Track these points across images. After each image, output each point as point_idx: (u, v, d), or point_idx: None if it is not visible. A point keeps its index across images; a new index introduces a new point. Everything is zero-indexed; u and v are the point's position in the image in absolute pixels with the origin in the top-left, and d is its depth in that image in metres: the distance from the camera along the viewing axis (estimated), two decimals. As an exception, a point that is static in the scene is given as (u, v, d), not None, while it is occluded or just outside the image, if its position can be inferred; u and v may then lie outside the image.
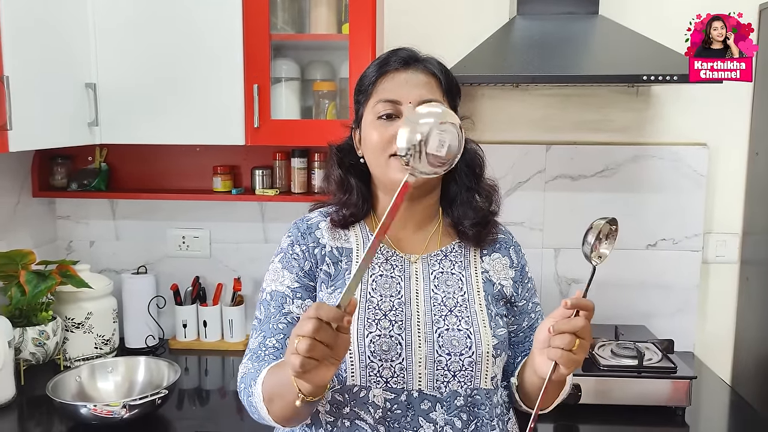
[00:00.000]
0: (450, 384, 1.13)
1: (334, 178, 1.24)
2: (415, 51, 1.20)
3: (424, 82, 1.17)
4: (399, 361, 1.12)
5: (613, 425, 1.76)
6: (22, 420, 1.76)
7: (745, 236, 2.23)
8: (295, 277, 1.19)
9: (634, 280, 2.26)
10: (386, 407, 1.12)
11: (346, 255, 1.20)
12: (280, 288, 1.19)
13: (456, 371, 1.13)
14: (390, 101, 1.15)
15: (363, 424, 1.12)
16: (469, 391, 1.14)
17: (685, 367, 1.81)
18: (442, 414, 1.13)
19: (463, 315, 1.16)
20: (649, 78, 1.76)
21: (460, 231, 1.24)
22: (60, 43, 1.80)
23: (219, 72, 1.92)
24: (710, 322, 2.28)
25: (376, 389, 1.12)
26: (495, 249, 1.26)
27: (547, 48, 1.97)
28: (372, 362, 1.11)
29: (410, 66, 1.18)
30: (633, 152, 2.21)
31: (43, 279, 1.91)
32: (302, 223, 1.25)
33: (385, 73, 1.18)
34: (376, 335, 1.12)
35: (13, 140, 1.55)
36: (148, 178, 2.29)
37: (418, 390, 1.12)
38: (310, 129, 2.00)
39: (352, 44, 1.89)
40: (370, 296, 1.16)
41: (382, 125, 1.15)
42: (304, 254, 1.20)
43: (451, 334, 1.14)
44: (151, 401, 1.65)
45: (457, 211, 1.24)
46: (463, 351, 1.13)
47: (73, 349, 2.06)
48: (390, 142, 1.13)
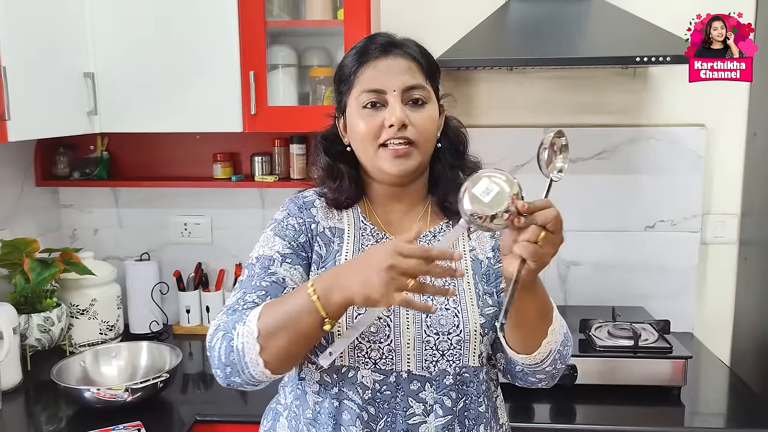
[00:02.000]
0: (439, 363, 1.14)
1: (322, 166, 1.24)
2: (392, 35, 1.20)
3: (405, 68, 1.16)
4: (387, 342, 1.13)
5: (610, 405, 1.77)
6: (28, 404, 1.80)
7: (744, 217, 2.23)
8: (287, 244, 1.19)
9: (633, 261, 2.26)
10: (375, 388, 1.13)
11: (338, 235, 1.21)
12: (268, 252, 1.18)
13: (444, 350, 1.14)
14: (374, 90, 1.15)
15: (351, 405, 1.13)
16: (458, 370, 1.16)
17: (680, 347, 1.82)
18: (432, 393, 1.14)
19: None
20: (642, 59, 1.76)
21: (446, 209, 1.25)
22: (57, 33, 1.82)
23: (216, 60, 1.93)
24: (709, 302, 2.29)
25: (365, 370, 1.13)
26: None
27: (543, 30, 1.97)
28: (360, 343, 1.13)
29: (390, 52, 1.17)
30: (631, 134, 2.21)
31: (46, 266, 1.94)
32: (298, 199, 1.25)
33: (366, 62, 1.17)
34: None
35: (12, 130, 1.57)
36: (149, 166, 2.32)
37: (407, 371, 1.14)
38: (307, 115, 2.01)
39: (348, 30, 1.90)
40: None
41: (369, 115, 1.15)
42: (300, 227, 1.20)
43: (439, 314, 1.15)
44: (153, 384, 1.68)
45: (442, 190, 1.24)
46: (451, 330, 1.15)
47: (78, 335, 2.10)
48: (378, 132, 1.14)
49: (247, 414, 1.73)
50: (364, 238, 1.22)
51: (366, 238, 1.22)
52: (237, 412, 1.77)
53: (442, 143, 1.23)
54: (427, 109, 1.17)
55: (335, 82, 1.23)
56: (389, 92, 1.14)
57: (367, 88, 1.15)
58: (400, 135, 1.13)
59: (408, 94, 1.15)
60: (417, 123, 1.15)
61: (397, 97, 1.14)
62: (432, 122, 1.18)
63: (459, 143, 1.26)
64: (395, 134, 1.13)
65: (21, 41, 1.63)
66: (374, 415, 1.13)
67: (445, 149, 1.24)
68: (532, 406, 1.75)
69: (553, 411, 1.75)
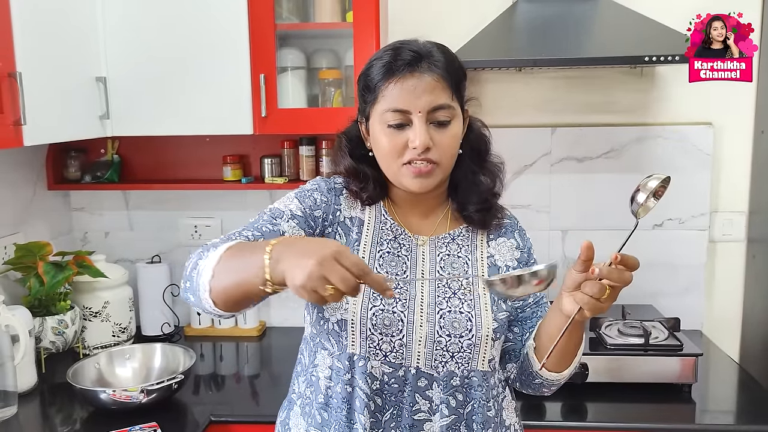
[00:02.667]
0: (447, 364, 1.17)
1: (346, 167, 1.25)
2: (417, 47, 1.16)
3: (431, 87, 1.13)
4: (399, 337, 1.15)
5: (621, 402, 1.79)
6: (44, 406, 1.81)
7: (752, 215, 2.23)
8: (302, 209, 1.20)
9: (641, 259, 2.20)
10: (383, 380, 1.16)
11: (358, 225, 1.23)
12: (281, 207, 1.19)
13: (454, 352, 1.16)
14: (399, 111, 1.14)
15: (360, 393, 1.16)
16: (466, 373, 1.18)
17: (691, 345, 1.83)
18: (438, 393, 1.16)
19: (466, 298, 1.19)
20: (651, 59, 1.77)
21: (465, 216, 1.26)
22: (70, 37, 1.83)
23: (226, 63, 1.94)
24: (717, 300, 2.30)
25: (375, 361, 1.15)
26: (501, 233, 1.28)
27: (551, 31, 1.98)
28: (372, 335, 1.15)
29: (416, 69, 1.13)
30: (638, 133, 2.22)
31: (60, 269, 1.96)
32: (330, 182, 1.26)
33: (391, 77, 1.14)
34: (379, 309, 1.15)
35: (28, 135, 1.59)
36: (159, 168, 2.33)
37: (416, 367, 1.16)
38: (316, 117, 2.02)
39: (357, 32, 1.91)
40: (377, 271, 1.19)
41: (393, 134, 1.15)
42: (321, 204, 1.22)
43: (452, 316, 1.17)
44: (167, 386, 1.70)
45: (461, 196, 1.26)
46: (463, 333, 1.17)
47: (91, 337, 2.11)
48: (402, 151, 1.15)
49: (261, 414, 1.75)
50: (384, 232, 1.23)
51: (385, 233, 1.23)
52: (251, 412, 1.79)
53: (464, 148, 1.23)
54: (451, 128, 1.17)
55: (360, 86, 1.22)
56: (414, 113, 1.14)
57: (392, 107, 1.14)
58: (423, 157, 1.14)
59: (433, 115, 1.14)
60: (440, 143, 1.15)
61: (422, 119, 1.13)
62: (455, 141, 1.18)
63: (481, 145, 1.27)
64: (418, 156, 1.14)
65: (34, 47, 1.64)
66: (381, 406, 1.16)
67: (466, 154, 1.24)
68: (544, 404, 1.76)
69: (565, 409, 1.76)
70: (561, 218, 2.28)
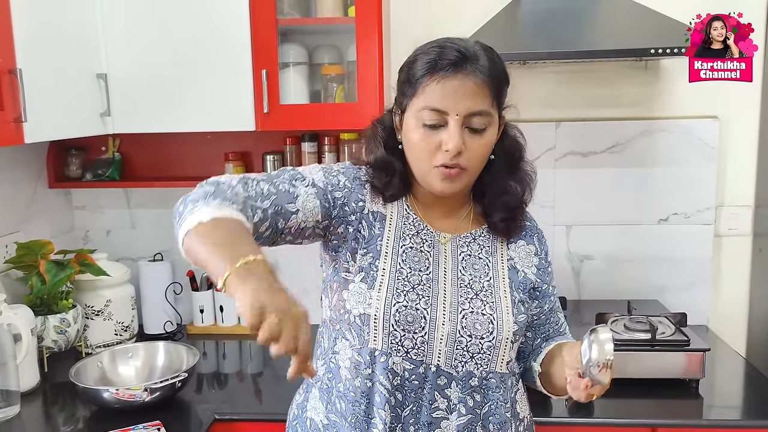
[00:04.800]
0: (467, 364, 1.17)
1: (378, 157, 1.23)
2: (464, 47, 1.14)
3: (473, 92, 1.12)
4: (421, 334, 1.15)
5: (628, 398, 1.77)
6: (46, 405, 1.81)
7: (758, 209, 2.22)
8: (326, 183, 1.19)
9: (647, 254, 2.26)
10: (404, 376, 1.16)
11: (380, 221, 1.21)
12: (304, 172, 1.19)
13: (474, 353, 1.17)
14: (437, 110, 1.12)
15: (381, 388, 1.16)
16: (485, 374, 1.18)
17: (698, 340, 1.82)
18: (457, 392, 1.17)
19: (488, 300, 1.19)
20: (656, 51, 1.76)
21: (489, 222, 1.25)
22: (70, 34, 1.82)
23: (228, 59, 1.93)
24: (723, 295, 2.29)
25: (396, 357, 1.15)
26: (521, 237, 1.28)
27: (555, 24, 1.96)
28: (395, 331, 1.15)
29: (460, 70, 1.11)
30: (643, 127, 2.20)
31: (62, 268, 1.94)
32: (358, 171, 1.24)
33: (434, 74, 1.12)
34: (403, 305, 1.15)
35: (29, 132, 1.58)
36: (161, 166, 2.32)
37: (436, 365, 1.16)
38: (319, 113, 2.01)
39: (359, 27, 1.89)
40: (400, 267, 1.18)
41: (427, 132, 1.14)
42: (344, 188, 1.20)
43: (474, 317, 1.17)
44: (171, 384, 1.69)
45: (487, 202, 1.24)
46: (484, 335, 1.17)
47: (93, 336, 2.10)
48: (434, 151, 1.14)
49: (266, 412, 1.74)
50: (407, 227, 1.22)
51: (408, 227, 1.22)
52: (255, 410, 1.78)
53: (496, 154, 1.21)
54: (485, 135, 1.15)
55: (401, 77, 1.20)
56: (451, 115, 1.12)
57: (430, 105, 1.13)
58: (453, 162, 1.13)
59: (469, 120, 1.13)
60: (472, 150, 1.14)
61: (458, 122, 1.12)
62: (487, 148, 1.17)
63: (515, 151, 1.25)
64: (449, 160, 1.13)
65: (35, 43, 1.63)
66: (401, 402, 1.16)
67: (498, 159, 1.22)
68: (550, 400, 1.74)
69: (571, 405, 1.74)
70: (565, 213, 2.26)
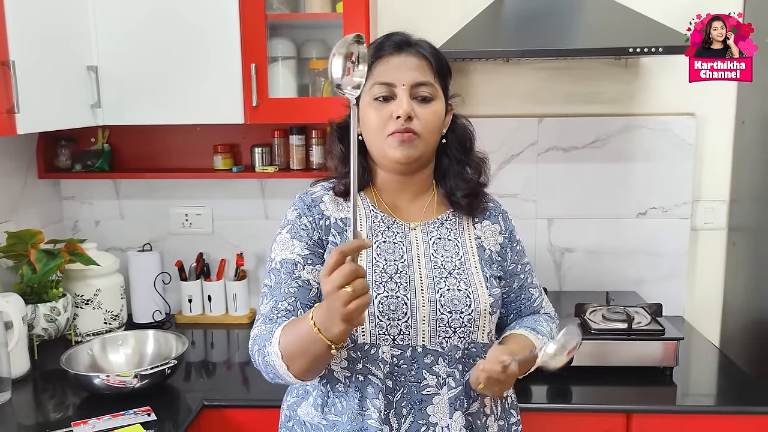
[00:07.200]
0: (451, 339, 1.23)
1: (336, 153, 1.32)
2: (407, 35, 1.28)
3: (416, 65, 1.24)
4: (405, 319, 1.21)
5: (605, 386, 1.83)
6: (37, 392, 1.83)
7: (733, 203, 2.28)
8: (305, 245, 1.26)
9: (625, 247, 2.32)
10: (393, 362, 1.21)
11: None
12: (290, 256, 1.26)
13: (456, 327, 1.23)
14: (385, 84, 1.23)
15: (374, 379, 1.21)
16: (467, 345, 1.24)
17: (672, 329, 1.88)
18: (444, 367, 1.22)
19: (462, 277, 1.25)
20: (635, 50, 1.81)
21: (453, 202, 1.33)
22: (61, 26, 1.84)
23: (217, 53, 1.96)
24: (699, 286, 2.35)
25: (385, 346, 1.21)
26: (485, 217, 1.35)
27: (537, 22, 2.01)
28: (381, 321, 1.20)
29: (403, 50, 1.25)
30: (623, 123, 2.26)
31: (52, 257, 1.97)
32: (307, 197, 1.31)
33: (379, 57, 1.24)
34: (384, 296, 1.21)
35: (21, 123, 1.60)
36: (150, 157, 2.34)
37: (422, 346, 1.22)
38: (307, 106, 2.05)
39: (346, 22, 1.93)
40: (376, 261, 1.24)
41: (379, 106, 1.23)
42: (312, 225, 1.27)
43: (452, 294, 1.23)
44: (161, 371, 1.72)
45: (449, 183, 1.33)
46: (463, 309, 1.23)
47: (83, 324, 2.13)
48: (387, 121, 1.22)
49: (253, 399, 1.78)
50: (376, 224, 1.29)
51: (378, 225, 1.29)
52: (242, 397, 1.82)
53: (449, 139, 1.32)
54: (433, 105, 1.25)
55: None
56: (398, 86, 1.22)
57: (378, 81, 1.23)
58: (405, 127, 1.21)
59: (416, 90, 1.23)
60: (422, 116, 1.23)
61: (405, 91, 1.22)
62: (436, 117, 1.25)
63: (466, 139, 1.34)
64: (401, 126, 1.21)
65: (27, 35, 1.65)
66: (392, 388, 1.21)
67: (452, 145, 1.32)
68: (530, 387, 1.80)
69: (550, 392, 1.80)
70: (547, 207, 2.32)
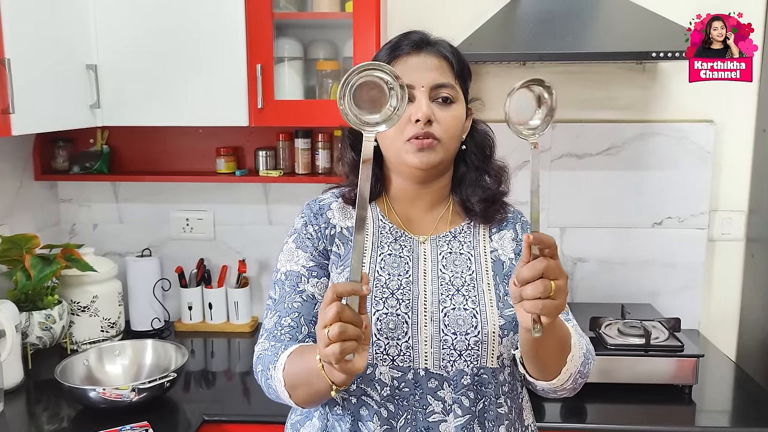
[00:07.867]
0: (456, 363, 1.14)
1: (348, 161, 1.25)
2: (426, 34, 1.20)
3: (436, 66, 1.17)
4: (405, 339, 1.13)
5: (620, 404, 1.77)
6: (30, 404, 1.77)
7: (751, 214, 2.22)
8: (310, 256, 1.21)
9: (640, 258, 2.26)
10: (393, 385, 1.13)
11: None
12: (294, 267, 1.21)
13: (462, 350, 1.14)
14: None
15: (370, 401, 1.13)
16: (476, 370, 1.15)
17: (692, 346, 1.81)
18: (450, 392, 1.14)
19: (470, 294, 1.17)
20: (657, 55, 1.75)
21: (467, 209, 1.24)
22: (60, 24, 1.77)
23: (221, 52, 1.89)
24: (715, 299, 2.29)
25: (383, 367, 1.13)
26: (502, 227, 1.26)
27: (553, 25, 1.94)
28: (378, 340, 1.13)
29: (422, 50, 1.17)
30: (639, 130, 2.20)
31: (48, 263, 1.90)
32: (314, 204, 1.26)
33: (396, 57, 1.17)
34: (383, 313, 1.13)
35: (16, 124, 1.53)
36: (150, 160, 2.28)
37: (425, 369, 1.13)
38: (313, 109, 1.98)
39: (356, 22, 1.86)
40: (378, 275, 1.17)
41: None
42: (317, 234, 1.22)
43: (456, 314, 1.15)
44: (159, 384, 1.65)
45: (465, 191, 1.25)
46: (469, 330, 1.14)
47: (79, 332, 2.06)
48: (405, 126, 1.14)
49: (255, 414, 1.72)
50: (383, 235, 1.22)
51: (384, 236, 1.22)
52: (244, 411, 1.75)
53: (468, 145, 1.24)
54: (454, 108, 1.17)
55: None
56: (417, 88, 1.14)
57: None
58: (425, 131, 1.13)
59: (436, 92, 1.16)
60: (442, 120, 1.15)
61: (424, 93, 1.14)
62: (457, 121, 1.18)
63: (486, 146, 1.26)
64: (421, 130, 1.13)
65: (23, 33, 1.58)
66: (394, 413, 1.13)
67: (470, 151, 1.25)
68: (543, 405, 1.73)
69: (564, 410, 1.73)
70: (560, 215, 2.25)
